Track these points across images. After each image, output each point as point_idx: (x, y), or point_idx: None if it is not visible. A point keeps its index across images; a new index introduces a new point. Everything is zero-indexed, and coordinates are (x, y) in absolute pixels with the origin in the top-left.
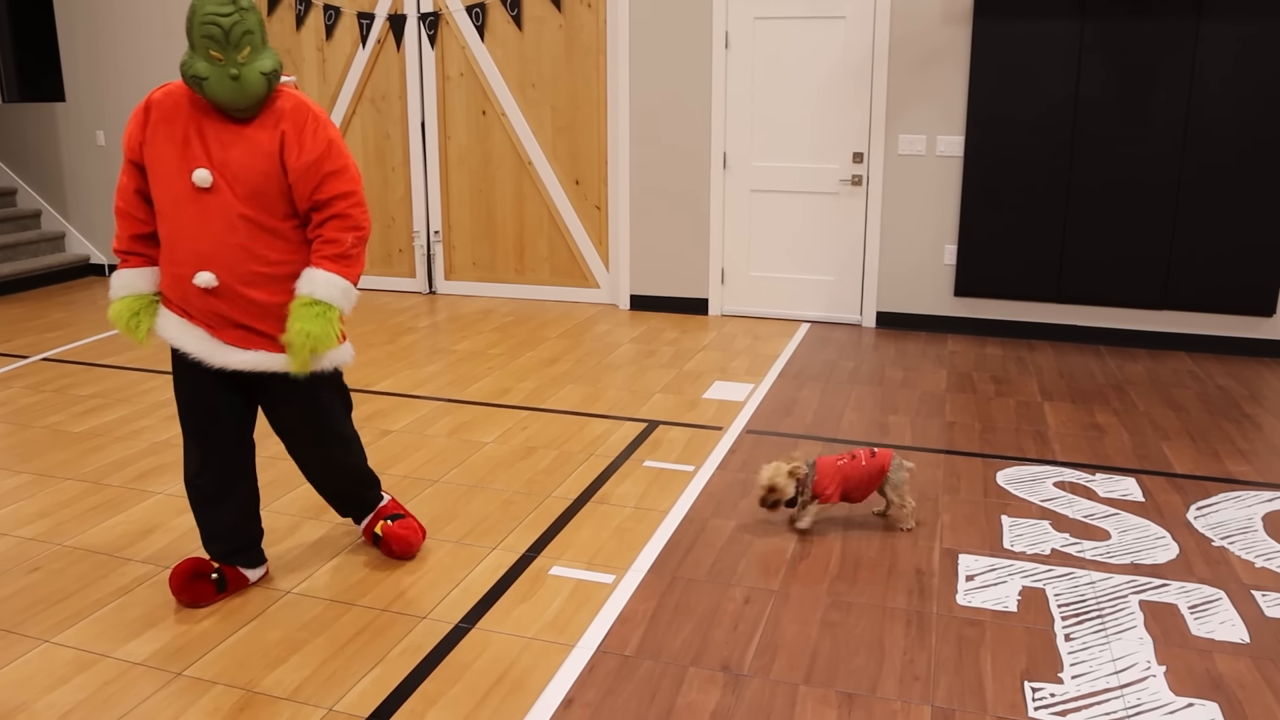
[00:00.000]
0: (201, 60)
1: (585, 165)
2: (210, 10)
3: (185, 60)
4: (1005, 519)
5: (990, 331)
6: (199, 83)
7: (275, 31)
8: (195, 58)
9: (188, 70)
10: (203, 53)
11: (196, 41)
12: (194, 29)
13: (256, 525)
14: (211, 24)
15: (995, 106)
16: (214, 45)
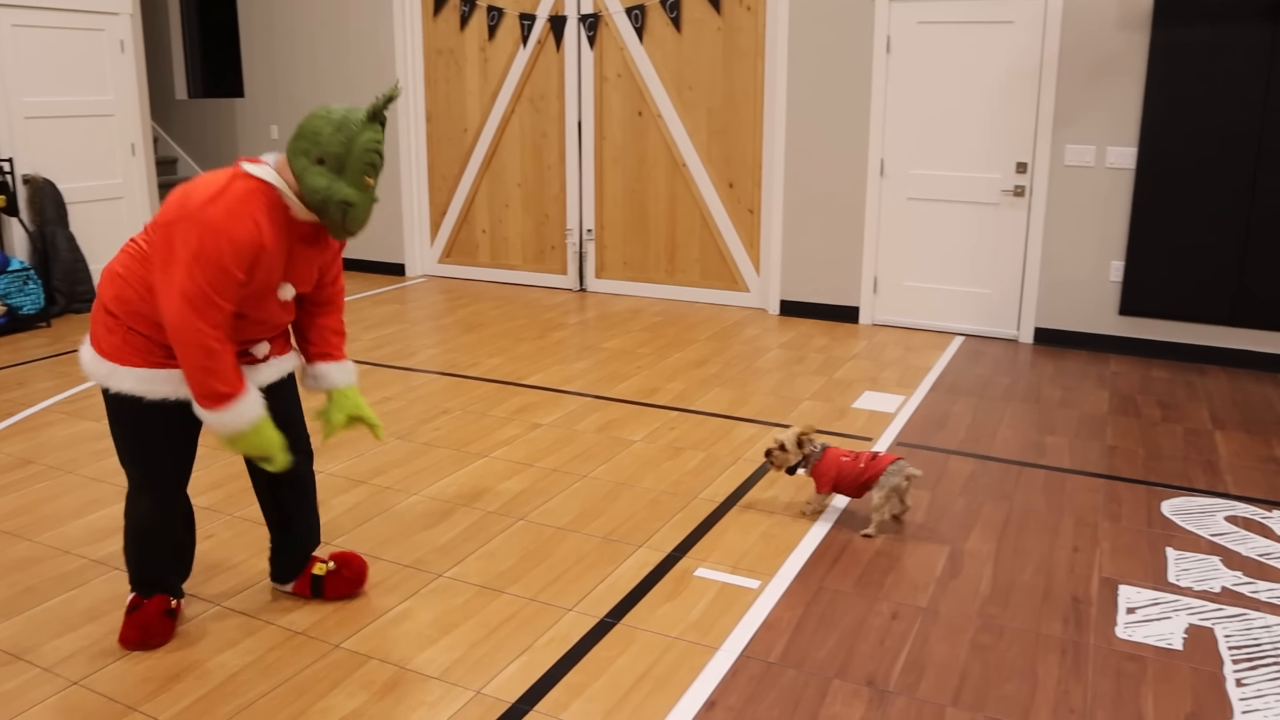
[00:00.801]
0: (351, 186)
1: (739, 168)
2: (371, 137)
3: (323, 184)
4: (1170, 551)
5: (1157, 353)
6: (345, 209)
7: (440, 31)
8: (340, 183)
9: (333, 195)
10: (356, 179)
11: (355, 168)
12: (354, 156)
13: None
14: (375, 152)
15: (1172, 116)
16: (372, 173)
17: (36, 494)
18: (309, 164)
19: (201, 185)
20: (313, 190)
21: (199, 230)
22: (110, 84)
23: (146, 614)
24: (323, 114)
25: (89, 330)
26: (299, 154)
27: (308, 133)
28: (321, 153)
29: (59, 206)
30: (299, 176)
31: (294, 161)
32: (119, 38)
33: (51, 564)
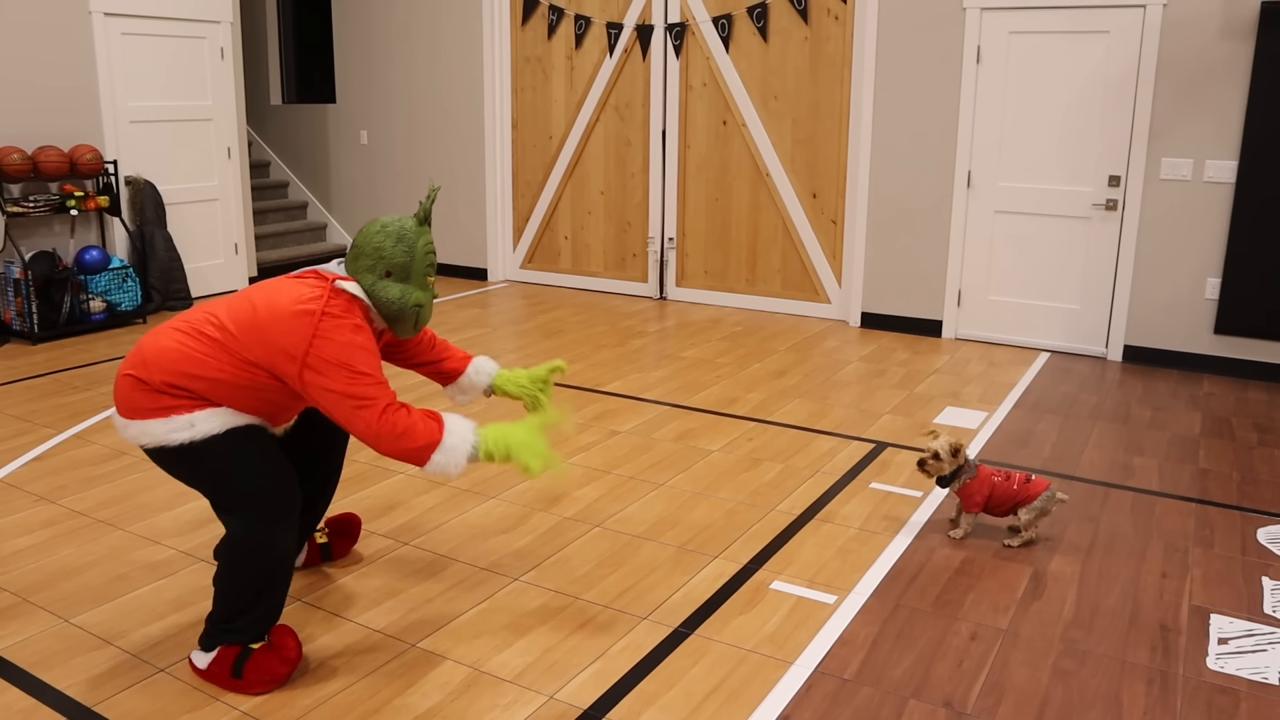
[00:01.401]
0: (419, 290)
1: (823, 179)
2: (426, 241)
3: (397, 295)
4: (1267, 581)
5: (1254, 374)
6: (418, 311)
7: (528, 40)
8: (411, 290)
9: (408, 301)
10: (421, 282)
11: (420, 272)
12: (417, 262)
13: None
14: (432, 253)
15: (1277, 129)
16: (432, 273)
17: (129, 485)
18: (377, 279)
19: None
20: (388, 302)
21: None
22: (210, 90)
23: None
24: (378, 229)
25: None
26: (365, 271)
27: (369, 250)
28: (388, 266)
29: (158, 207)
30: (371, 292)
31: (362, 279)
32: (220, 45)
33: (142, 553)
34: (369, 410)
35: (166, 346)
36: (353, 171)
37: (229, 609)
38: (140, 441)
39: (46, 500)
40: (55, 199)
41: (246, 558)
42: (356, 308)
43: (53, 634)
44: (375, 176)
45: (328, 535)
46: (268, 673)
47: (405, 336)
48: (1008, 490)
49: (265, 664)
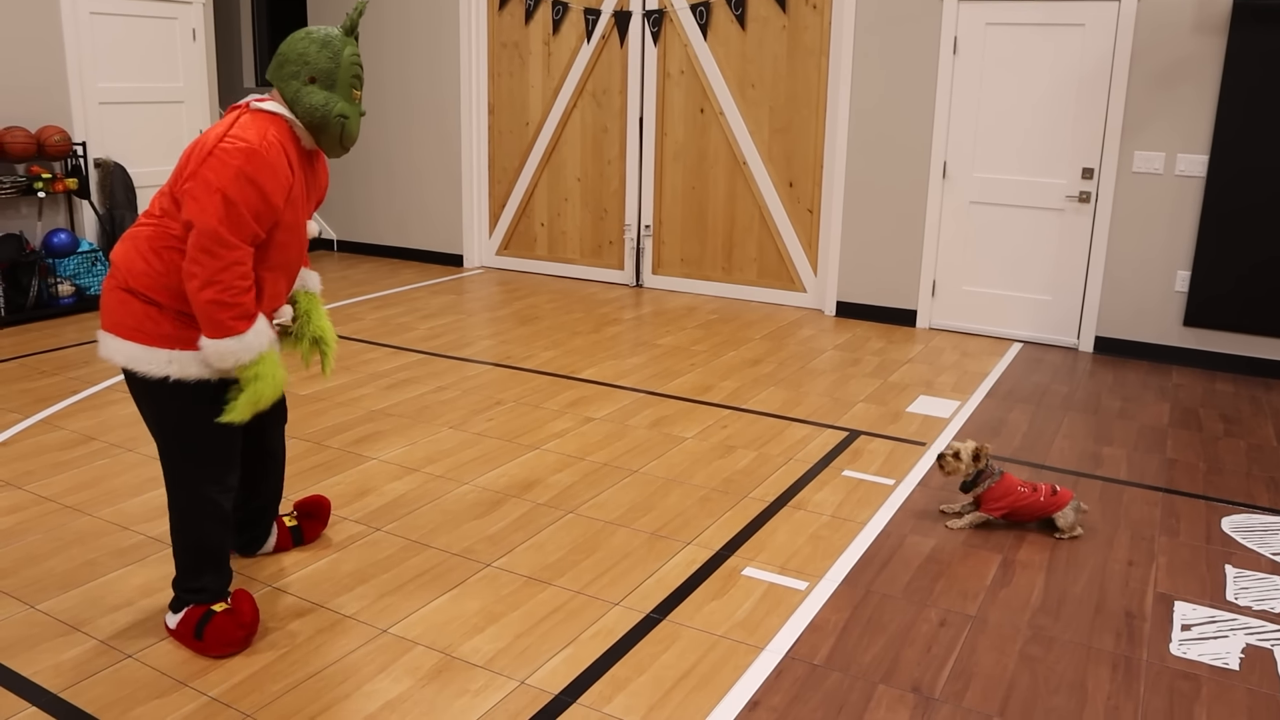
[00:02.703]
0: (344, 101)
1: (800, 168)
2: (353, 51)
3: (320, 100)
4: (1229, 569)
5: (1221, 366)
6: (342, 122)
7: (505, 25)
8: (335, 99)
9: (332, 110)
10: (345, 93)
11: (345, 82)
12: (342, 70)
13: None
14: (358, 64)
15: (1247, 124)
16: (358, 85)
17: (97, 471)
18: (301, 85)
19: (219, 127)
20: (311, 109)
21: (237, 159)
22: (181, 71)
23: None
24: (303, 36)
25: (111, 321)
26: (289, 79)
27: (294, 56)
28: (312, 72)
29: (128, 190)
30: (294, 100)
31: (285, 87)
32: (191, 26)
33: (110, 539)
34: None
35: (127, 248)
36: None
37: (183, 569)
38: (115, 360)
39: (13, 486)
40: (22, 181)
41: (184, 516)
42: (278, 128)
43: (19, 620)
44: (349, 160)
45: (297, 518)
46: (225, 635)
47: (333, 154)
48: (1034, 502)
49: (223, 628)
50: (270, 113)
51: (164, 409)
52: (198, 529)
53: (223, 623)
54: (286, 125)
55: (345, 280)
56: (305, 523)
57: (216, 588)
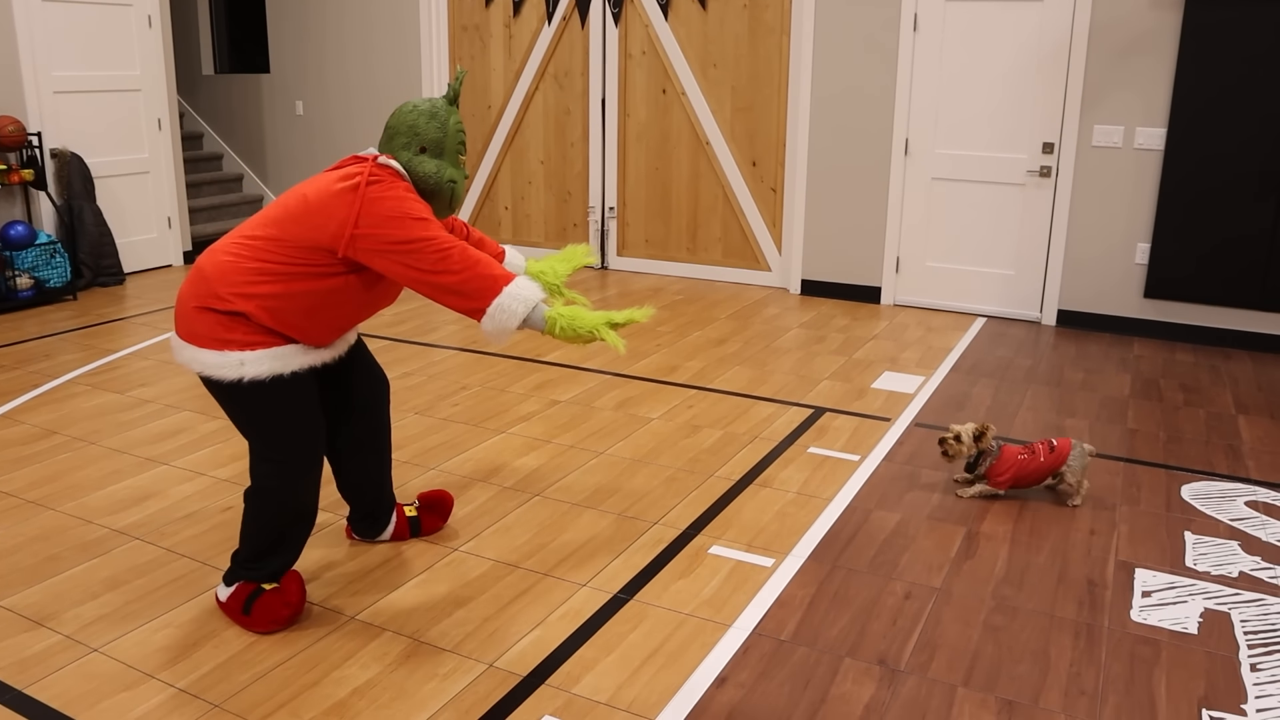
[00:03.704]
0: (453, 167)
1: (763, 147)
2: (457, 119)
3: (433, 169)
4: (1189, 536)
5: (1181, 337)
6: (453, 187)
7: (465, 8)
8: (446, 165)
9: (443, 176)
10: (454, 159)
11: (452, 149)
12: (449, 138)
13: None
14: (463, 132)
15: (1203, 98)
16: (463, 150)
17: (60, 464)
18: (412, 155)
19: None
20: (425, 176)
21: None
22: (138, 59)
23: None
24: (410, 109)
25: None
26: (400, 149)
27: (404, 129)
28: (423, 142)
29: (86, 181)
30: (408, 168)
31: (398, 157)
32: (146, 13)
33: (74, 533)
34: (427, 251)
35: (224, 261)
36: (289, 143)
37: (249, 550)
38: (191, 368)
39: None
40: None
41: (266, 505)
42: (400, 180)
43: None
44: (312, 147)
45: (418, 509)
46: (271, 613)
47: (442, 216)
48: (1035, 464)
49: (270, 605)
50: (395, 169)
51: (244, 409)
52: (276, 519)
53: (270, 600)
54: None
55: None
56: (425, 515)
57: (274, 569)
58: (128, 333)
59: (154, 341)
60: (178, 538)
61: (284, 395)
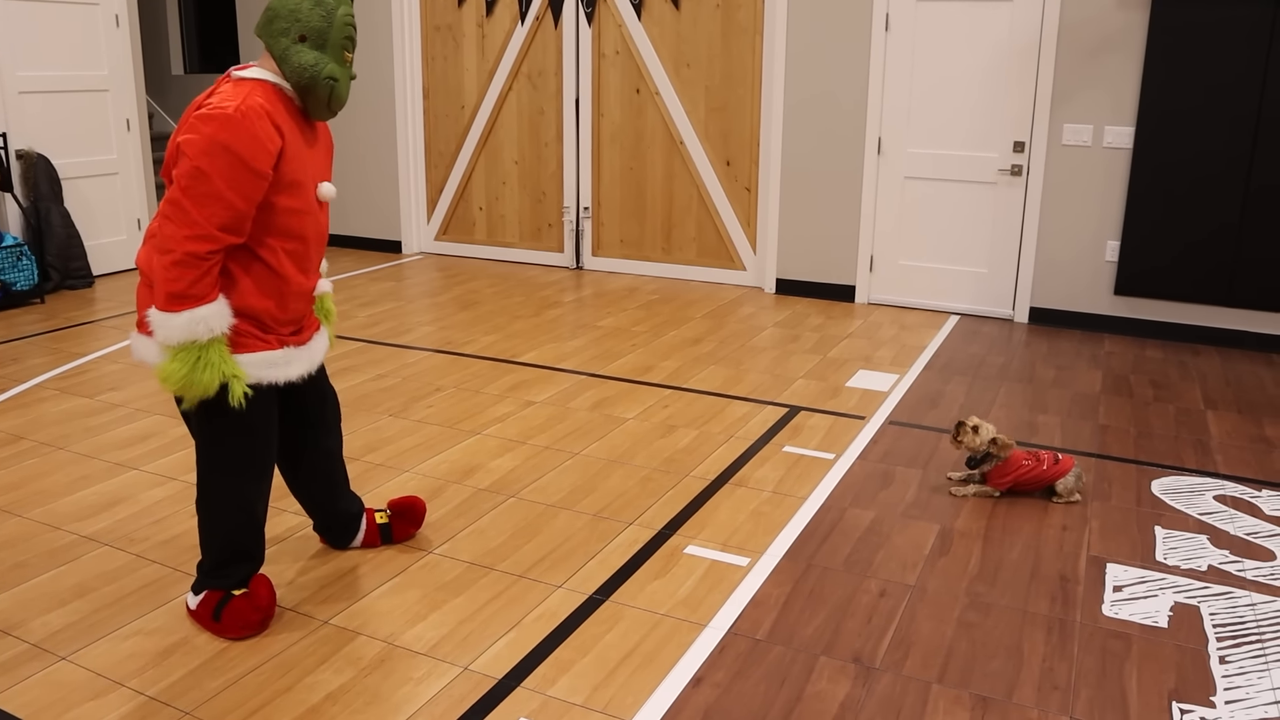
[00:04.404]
0: (334, 63)
1: (737, 146)
2: (347, 10)
3: (308, 62)
4: (1159, 530)
5: (1151, 333)
6: (331, 84)
7: (437, 8)
8: (325, 59)
9: (321, 71)
10: (337, 55)
11: (336, 42)
12: (335, 29)
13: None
14: (352, 25)
15: (1171, 97)
16: (350, 47)
17: (27, 470)
18: (290, 43)
19: (198, 102)
20: (300, 68)
21: (209, 127)
22: (105, 59)
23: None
24: None
25: (140, 316)
26: (278, 35)
27: (284, 11)
28: (303, 29)
29: (53, 182)
30: (283, 59)
31: (274, 44)
32: (114, 12)
33: (41, 540)
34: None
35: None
36: None
37: (211, 560)
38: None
39: None
40: None
41: (212, 508)
42: (260, 92)
43: None
44: None
45: (389, 516)
46: (242, 618)
47: (319, 118)
48: (1038, 472)
49: (240, 611)
50: (253, 79)
51: (202, 409)
52: (226, 526)
53: (240, 606)
54: (272, 88)
55: None
56: (396, 521)
57: (240, 576)
58: (97, 336)
59: (124, 345)
60: (147, 544)
61: (251, 405)
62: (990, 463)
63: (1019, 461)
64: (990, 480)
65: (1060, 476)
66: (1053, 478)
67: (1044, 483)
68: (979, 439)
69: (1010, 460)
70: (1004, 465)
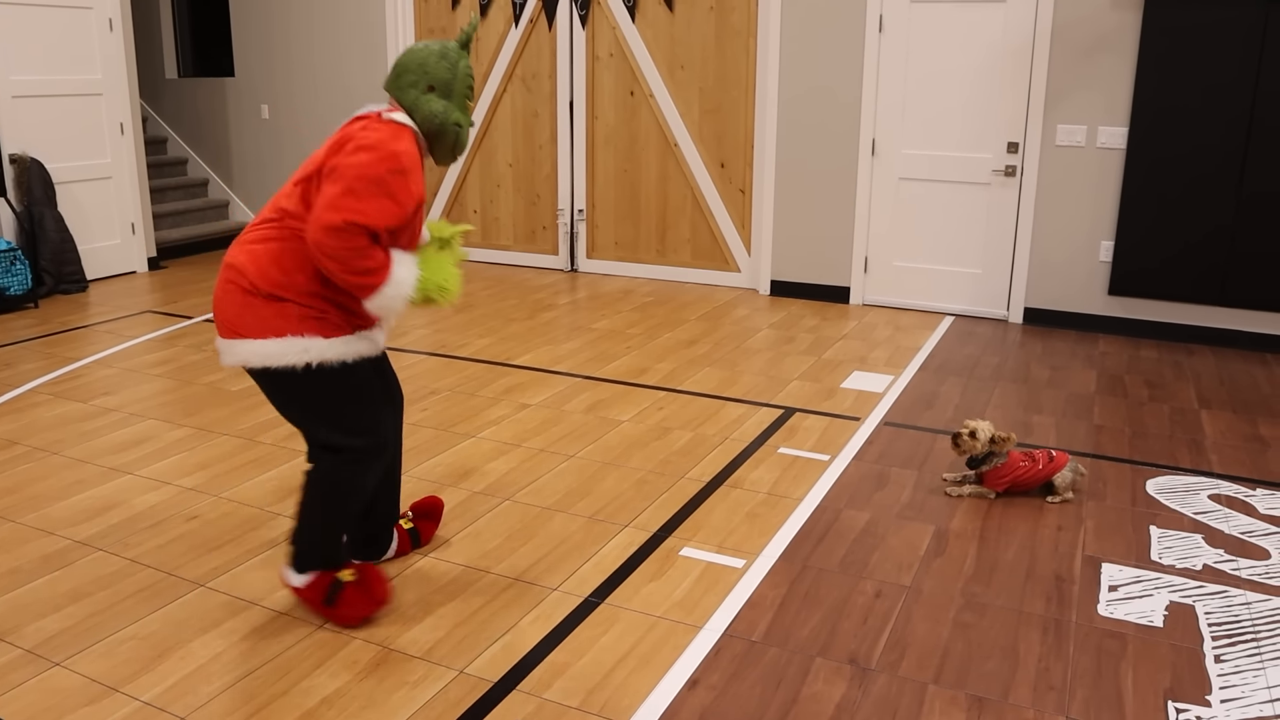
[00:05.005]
0: (460, 111)
1: (731, 148)
2: (468, 63)
3: (438, 110)
4: (1154, 530)
5: (1145, 333)
6: (458, 131)
7: (431, 10)
8: (452, 109)
9: (448, 119)
10: (460, 103)
11: (460, 92)
12: (458, 81)
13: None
14: (471, 77)
15: (1164, 97)
16: (471, 96)
17: (21, 475)
18: (420, 94)
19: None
20: (431, 115)
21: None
22: (99, 63)
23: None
24: (421, 48)
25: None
26: (408, 88)
27: (413, 66)
28: (431, 81)
29: (47, 186)
30: (413, 108)
31: (403, 96)
32: (107, 16)
33: (36, 545)
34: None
35: (253, 249)
36: (255, 147)
37: (311, 538)
38: (249, 363)
39: None
40: None
41: (331, 493)
42: (405, 132)
43: None
44: (278, 152)
45: (413, 520)
46: (358, 610)
47: (443, 162)
48: (1033, 471)
49: (356, 600)
50: (400, 122)
51: (309, 395)
52: (346, 508)
53: (355, 596)
54: (414, 134)
55: None
56: (421, 524)
57: (343, 557)
58: (91, 340)
59: (118, 349)
60: (142, 548)
61: (352, 379)
62: (991, 462)
63: (1016, 463)
64: (987, 482)
65: (1054, 473)
66: (1048, 475)
67: (1041, 481)
68: (978, 442)
69: (1007, 462)
70: (1001, 467)
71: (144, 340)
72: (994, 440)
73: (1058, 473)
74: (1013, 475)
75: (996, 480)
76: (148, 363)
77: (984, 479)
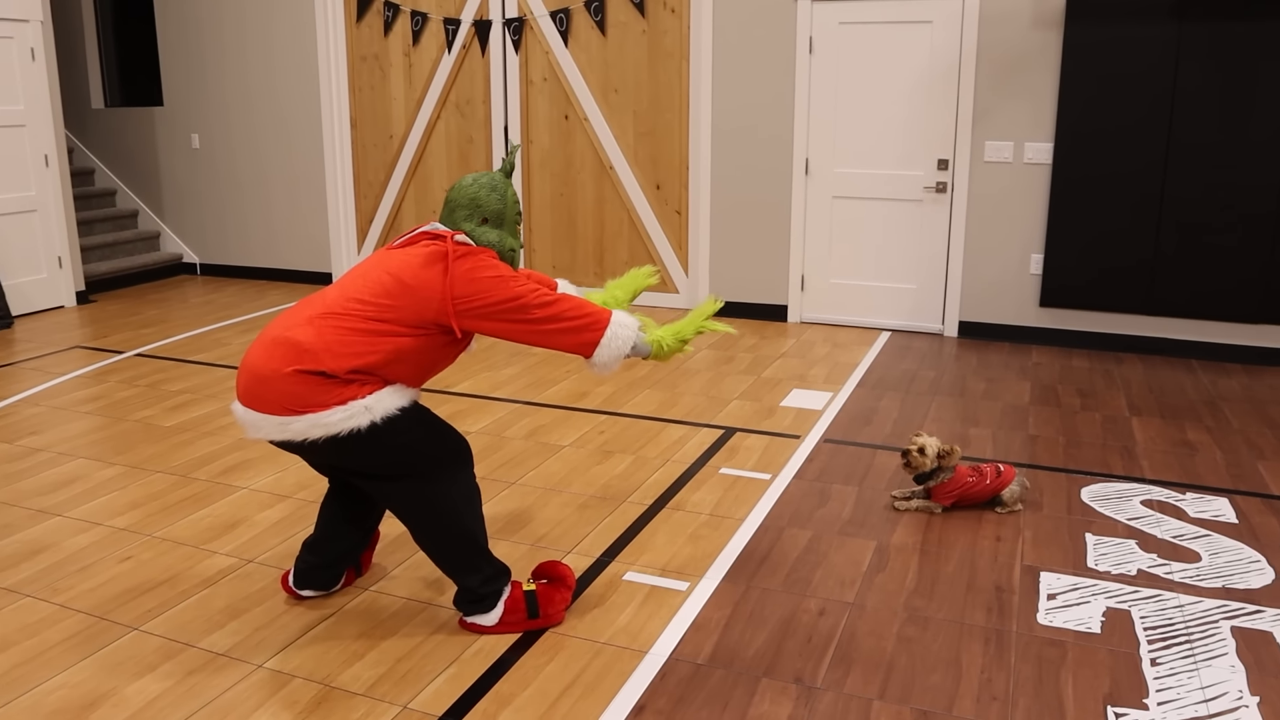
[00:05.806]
0: (513, 236)
1: (666, 170)
2: (514, 193)
3: (496, 238)
4: (1089, 537)
5: (1076, 343)
6: (514, 255)
7: (364, 37)
8: (506, 236)
9: (505, 245)
10: (513, 229)
11: (511, 218)
12: (509, 209)
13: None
14: (519, 203)
15: (1087, 113)
16: (520, 220)
17: None
18: (475, 226)
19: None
20: (489, 245)
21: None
22: (21, 93)
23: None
24: (471, 182)
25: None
26: (463, 221)
27: (464, 201)
28: (484, 213)
29: None
30: (473, 239)
31: (461, 228)
32: (29, 45)
33: None
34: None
35: (328, 335)
36: (185, 177)
37: (467, 567)
38: (310, 435)
39: None
40: None
41: (454, 511)
42: (480, 249)
43: None
44: (211, 181)
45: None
46: (558, 603)
47: None
48: (981, 486)
49: (552, 595)
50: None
51: (386, 448)
52: (470, 524)
53: (549, 591)
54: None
55: (210, 305)
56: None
57: (502, 569)
58: (17, 378)
59: (45, 386)
60: (72, 593)
61: (418, 413)
62: (939, 477)
63: (963, 477)
64: (935, 496)
65: (1001, 488)
66: (996, 490)
67: (988, 495)
68: (926, 459)
69: (956, 478)
70: (948, 482)
71: (72, 377)
72: (940, 455)
73: (1004, 489)
74: (960, 489)
75: (944, 494)
76: (77, 400)
77: (931, 493)
